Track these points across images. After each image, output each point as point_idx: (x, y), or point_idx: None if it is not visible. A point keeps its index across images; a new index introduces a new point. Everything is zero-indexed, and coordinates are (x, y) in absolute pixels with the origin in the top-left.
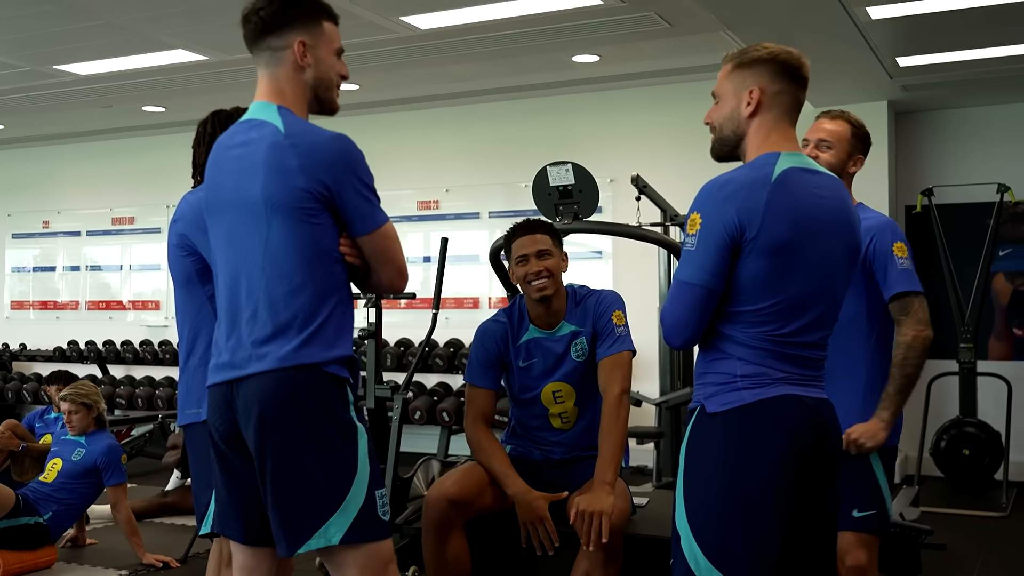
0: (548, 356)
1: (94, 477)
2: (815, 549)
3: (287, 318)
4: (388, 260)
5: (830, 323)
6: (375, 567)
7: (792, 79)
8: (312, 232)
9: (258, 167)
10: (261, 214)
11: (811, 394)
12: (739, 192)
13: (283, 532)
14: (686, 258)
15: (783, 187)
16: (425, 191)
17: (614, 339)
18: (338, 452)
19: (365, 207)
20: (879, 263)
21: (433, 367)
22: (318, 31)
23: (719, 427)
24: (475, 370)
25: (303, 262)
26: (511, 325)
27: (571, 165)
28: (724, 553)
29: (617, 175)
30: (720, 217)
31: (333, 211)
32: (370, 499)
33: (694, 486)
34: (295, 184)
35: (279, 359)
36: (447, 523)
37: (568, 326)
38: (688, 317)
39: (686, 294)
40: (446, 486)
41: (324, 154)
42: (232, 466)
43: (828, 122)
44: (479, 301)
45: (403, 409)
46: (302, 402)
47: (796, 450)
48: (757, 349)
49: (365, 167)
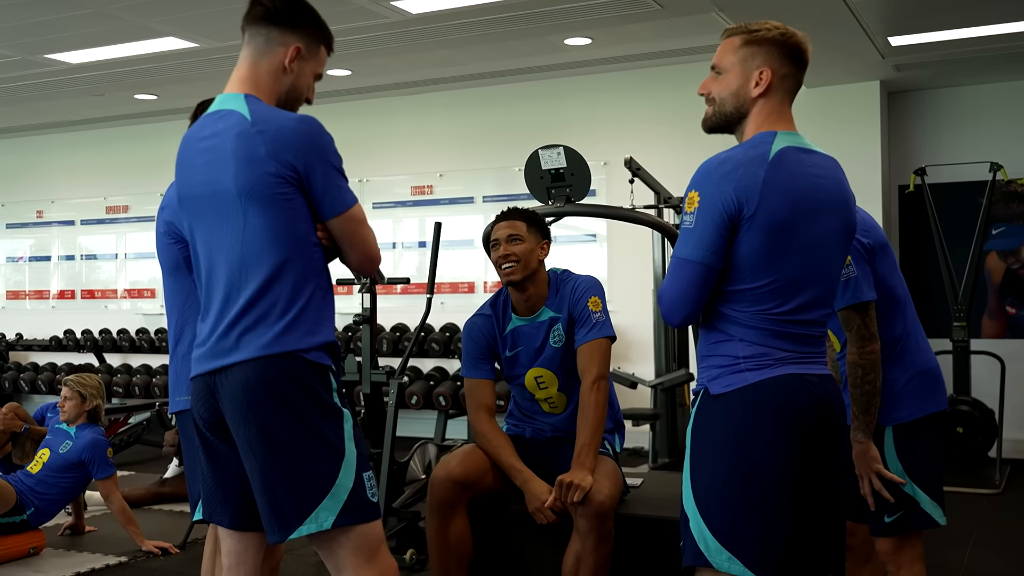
0: (530, 343)
1: (78, 471)
2: (825, 525)
3: (267, 306)
4: (356, 243)
5: (828, 301)
6: (367, 549)
7: (797, 63)
8: (289, 218)
9: (228, 158)
10: (236, 205)
11: (814, 371)
12: (737, 170)
13: (274, 519)
14: (684, 236)
15: (780, 166)
16: (419, 176)
17: (591, 326)
18: (324, 437)
19: (334, 189)
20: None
21: (429, 352)
22: (315, 49)
23: (724, 409)
24: (469, 365)
25: (281, 249)
26: (496, 317)
27: (563, 148)
28: (733, 533)
29: (610, 158)
30: (718, 195)
31: (305, 194)
32: (359, 482)
33: (701, 468)
34: (266, 171)
35: (261, 347)
36: (451, 503)
37: (548, 312)
38: (687, 294)
39: (685, 271)
40: (451, 467)
41: (292, 137)
42: (218, 453)
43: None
44: (474, 285)
45: (399, 394)
46: (285, 390)
47: (801, 428)
48: (758, 329)
49: (333, 149)
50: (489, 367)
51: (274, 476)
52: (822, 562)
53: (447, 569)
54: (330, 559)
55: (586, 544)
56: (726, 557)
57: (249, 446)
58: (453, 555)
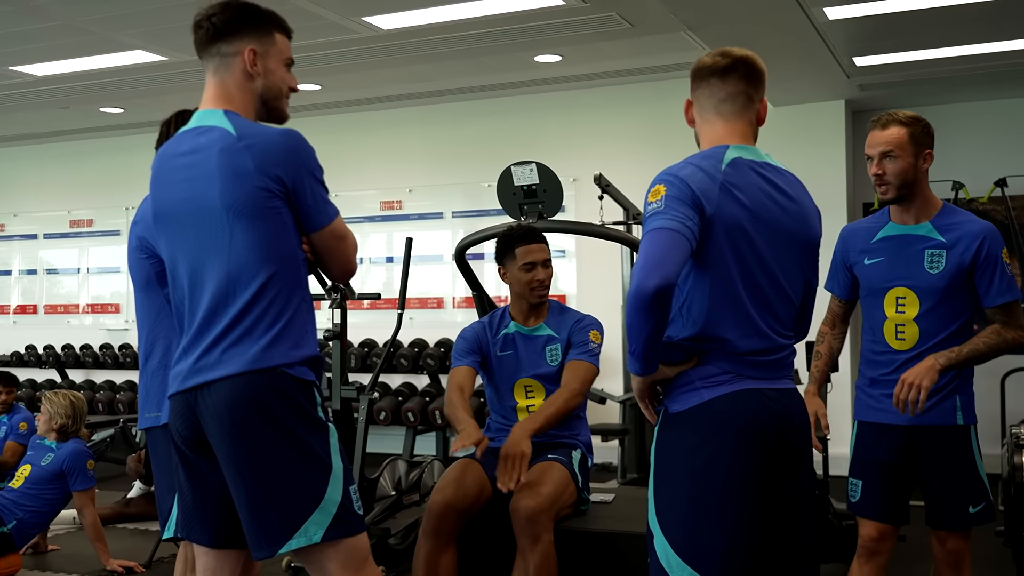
0: (523, 351)
1: (60, 482)
2: (788, 539)
3: (253, 321)
4: (338, 255)
5: (787, 319)
6: (355, 561)
7: (707, 76)
8: (277, 232)
9: (213, 174)
10: (223, 221)
11: (774, 386)
12: (696, 174)
13: (261, 534)
14: (654, 216)
15: (733, 175)
16: (388, 191)
17: (587, 350)
18: (312, 451)
19: (320, 202)
20: (985, 268)
21: (398, 367)
22: (269, 41)
23: (681, 427)
24: (455, 357)
25: (268, 264)
26: (491, 322)
27: (535, 165)
28: (694, 550)
29: (580, 174)
30: (684, 187)
31: (291, 207)
32: (346, 495)
33: (663, 486)
34: (255, 185)
35: (245, 363)
36: (447, 531)
37: (546, 329)
38: (662, 257)
39: (659, 237)
40: (447, 493)
41: (279, 150)
42: (197, 471)
43: (879, 132)
44: (443, 301)
45: (369, 410)
46: (270, 405)
47: (758, 443)
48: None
49: (317, 161)
50: (474, 359)
51: (262, 492)
52: (788, 573)
53: None
54: (317, 573)
55: (521, 548)
56: (688, 573)
57: (234, 463)
58: None
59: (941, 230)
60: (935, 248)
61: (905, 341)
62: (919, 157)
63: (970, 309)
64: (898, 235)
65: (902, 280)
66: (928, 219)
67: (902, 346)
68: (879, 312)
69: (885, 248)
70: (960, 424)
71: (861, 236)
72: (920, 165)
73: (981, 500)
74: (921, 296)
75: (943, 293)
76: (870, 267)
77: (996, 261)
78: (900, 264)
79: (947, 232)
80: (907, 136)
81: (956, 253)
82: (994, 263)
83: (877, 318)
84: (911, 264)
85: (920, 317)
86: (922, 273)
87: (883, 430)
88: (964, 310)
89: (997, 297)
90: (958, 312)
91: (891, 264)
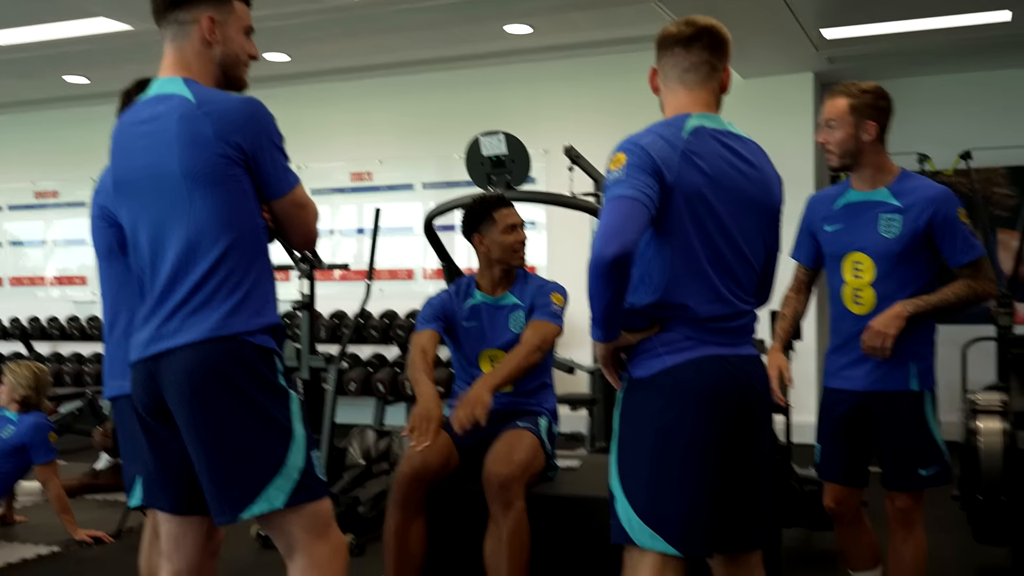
0: (489, 321)
1: (20, 456)
2: (748, 502)
3: (213, 289)
4: (299, 223)
5: (749, 285)
6: (318, 526)
7: (671, 45)
8: (237, 199)
9: (172, 141)
10: (182, 188)
11: (736, 352)
12: (657, 142)
13: (224, 500)
14: (614, 184)
15: (694, 143)
16: (358, 162)
17: (548, 311)
18: (273, 418)
19: (280, 170)
20: (944, 232)
21: (368, 338)
22: (227, 9)
23: (645, 392)
24: (420, 323)
25: (228, 231)
26: (458, 291)
27: (503, 135)
28: (655, 512)
29: (550, 146)
30: (645, 155)
31: (251, 174)
32: (308, 461)
33: (625, 450)
34: (214, 152)
35: (206, 330)
36: (415, 501)
37: (511, 297)
38: (621, 225)
39: (619, 205)
40: (414, 462)
41: (239, 117)
42: (159, 438)
43: (827, 101)
44: (413, 272)
45: (338, 380)
46: (230, 373)
47: (719, 409)
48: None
49: (277, 128)
50: (438, 325)
51: (223, 459)
52: (745, 537)
53: (401, 571)
54: (281, 538)
55: (493, 514)
56: (649, 535)
57: (195, 430)
58: (409, 555)
59: (897, 195)
60: (890, 213)
61: (863, 305)
62: (860, 128)
63: (928, 273)
64: (857, 202)
65: (858, 245)
66: (885, 185)
67: (860, 310)
68: (838, 278)
69: (844, 215)
70: (914, 390)
71: (824, 204)
72: (861, 136)
73: (933, 463)
74: (876, 260)
75: (898, 257)
76: (830, 234)
77: (954, 222)
78: (856, 230)
79: (903, 197)
80: (847, 107)
81: (911, 217)
82: (953, 224)
83: (836, 284)
84: (866, 229)
85: (876, 282)
86: (877, 238)
87: (842, 395)
88: (921, 274)
89: (962, 256)
90: (915, 276)
91: (848, 230)
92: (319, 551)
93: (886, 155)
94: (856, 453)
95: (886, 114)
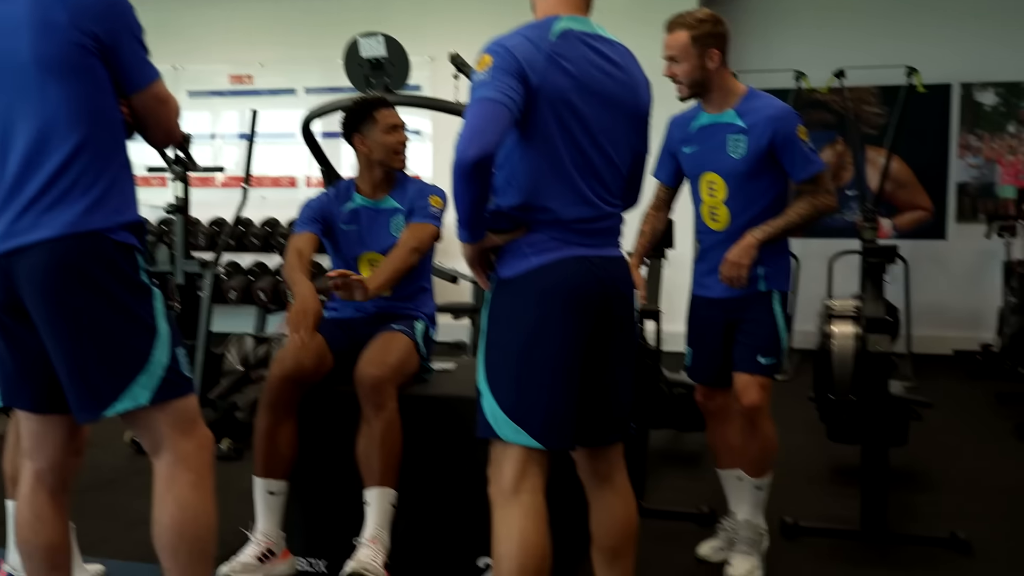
0: (368, 225)
1: None
2: (609, 398)
3: (69, 183)
4: (160, 119)
5: (616, 187)
6: (184, 422)
7: None
8: (92, 91)
9: (22, 26)
10: (32, 76)
11: (600, 253)
12: (523, 44)
13: (87, 398)
14: (479, 86)
15: (561, 46)
16: (237, 65)
17: (426, 213)
18: (135, 315)
19: (140, 62)
20: (784, 149)
21: (249, 246)
22: None
23: (511, 292)
24: (299, 223)
25: (82, 124)
26: (337, 194)
27: (382, 36)
28: (519, 407)
29: (437, 53)
30: (511, 58)
31: (108, 66)
32: (173, 357)
33: (492, 348)
34: (68, 39)
35: (65, 225)
36: (285, 403)
37: (392, 201)
38: (482, 128)
39: (481, 108)
40: (286, 364)
41: (94, 4)
42: (15, 336)
43: (667, 36)
44: (296, 180)
45: (219, 288)
46: (91, 271)
47: (582, 307)
48: None
49: (136, 19)
50: (316, 227)
51: (85, 357)
52: (606, 431)
53: (270, 469)
54: (147, 435)
55: (366, 415)
56: (513, 429)
57: (55, 329)
58: (279, 456)
59: (742, 115)
60: (736, 134)
61: (719, 222)
62: (704, 57)
63: (775, 188)
64: (708, 124)
65: (711, 166)
66: (731, 106)
67: (717, 227)
68: (697, 196)
69: (698, 137)
70: (763, 291)
71: (681, 126)
72: (706, 65)
73: (771, 354)
74: (727, 180)
75: (746, 176)
76: (688, 155)
77: (793, 139)
78: (709, 151)
79: (746, 117)
80: (689, 40)
81: (754, 137)
82: (792, 142)
83: (696, 202)
84: (717, 151)
85: (728, 200)
86: (726, 158)
87: (705, 302)
88: (768, 189)
89: (802, 172)
90: (762, 192)
91: (703, 152)
92: (185, 447)
93: (731, 77)
94: (722, 355)
95: (725, 39)
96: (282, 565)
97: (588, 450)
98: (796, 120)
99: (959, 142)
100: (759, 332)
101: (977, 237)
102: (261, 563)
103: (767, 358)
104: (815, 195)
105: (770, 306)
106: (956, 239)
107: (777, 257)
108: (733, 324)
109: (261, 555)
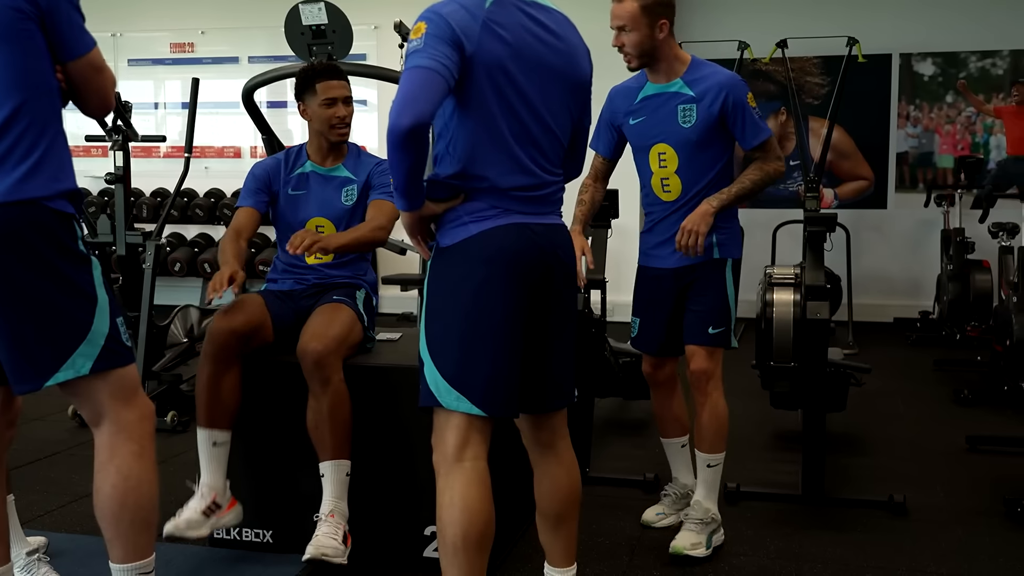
0: (317, 191)
1: None
2: (551, 364)
3: (4, 149)
4: (95, 88)
5: (555, 156)
6: (125, 391)
7: None
8: (28, 57)
9: None
10: None
11: (540, 221)
12: (458, 11)
13: (27, 368)
14: (412, 55)
15: (497, 13)
16: (178, 33)
17: (388, 191)
18: (74, 284)
19: (76, 30)
20: (735, 116)
21: (194, 218)
22: None
23: (449, 259)
24: (243, 195)
25: (18, 90)
26: (286, 160)
27: (324, 3)
28: (460, 375)
29: (381, 21)
30: (444, 25)
31: (45, 32)
32: (114, 327)
33: (431, 316)
34: (5, 3)
35: (0, 193)
36: (228, 354)
37: (344, 170)
38: (415, 95)
39: (414, 76)
40: (230, 317)
41: None
42: None
43: (615, 5)
44: (240, 151)
45: (163, 260)
46: (28, 239)
47: (521, 273)
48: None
49: None
50: (258, 200)
51: (23, 326)
52: (548, 398)
53: (214, 419)
54: (87, 405)
55: (312, 390)
56: (455, 397)
57: None
58: (222, 406)
59: (690, 84)
60: (686, 103)
61: (671, 193)
62: (654, 27)
63: (723, 157)
64: (655, 94)
65: (661, 137)
66: (679, 76)
67: (669, 198)
68: (646, 168)
69: (645, 107)
70: (716, 258)
71: (625, 97)
72: (656, 35)
73: (722, 324)
74: (678, 150)
75: (697, 145)
76: (635, 126)
77: (743, 107)
78: (658, 122)
79: (695, 86)
80: (639, 10)
81: (704, 106)
82: (741, 109)
83: (646, 174)
84: (667, 121)
85: (680, 170)
86: (677, 128)
87: (655, 272)
88: (718, 158)
89: (752, 139)
90: (714, 160)
91: (651, 122)
92: (126, 416)
93: (677, 46)
94: (669, 325)
95: (673, 8)
96: (229, 515)
97: (531, 418)
98: (745, 88)
99: (899, 112)
100: (710, 301)
101: (917, 206)
102: (207, 517)
103: (717, 328)
104: (765, 161)
105: (723, 273)
106: (896, 208)
107: (730, 225)
108: (684, 293)
109: (206, 508)
